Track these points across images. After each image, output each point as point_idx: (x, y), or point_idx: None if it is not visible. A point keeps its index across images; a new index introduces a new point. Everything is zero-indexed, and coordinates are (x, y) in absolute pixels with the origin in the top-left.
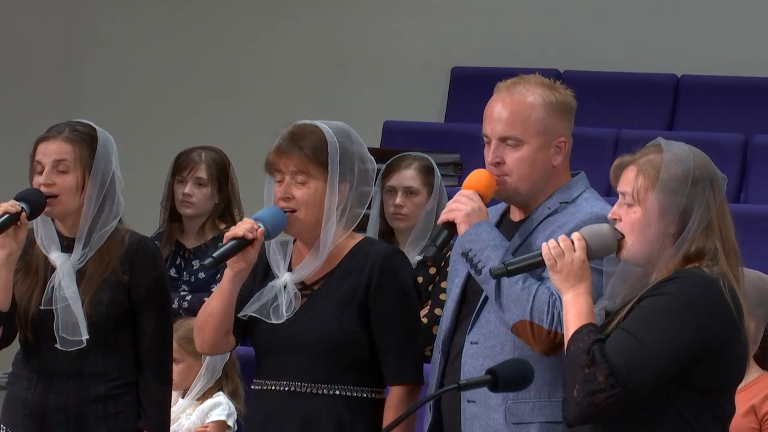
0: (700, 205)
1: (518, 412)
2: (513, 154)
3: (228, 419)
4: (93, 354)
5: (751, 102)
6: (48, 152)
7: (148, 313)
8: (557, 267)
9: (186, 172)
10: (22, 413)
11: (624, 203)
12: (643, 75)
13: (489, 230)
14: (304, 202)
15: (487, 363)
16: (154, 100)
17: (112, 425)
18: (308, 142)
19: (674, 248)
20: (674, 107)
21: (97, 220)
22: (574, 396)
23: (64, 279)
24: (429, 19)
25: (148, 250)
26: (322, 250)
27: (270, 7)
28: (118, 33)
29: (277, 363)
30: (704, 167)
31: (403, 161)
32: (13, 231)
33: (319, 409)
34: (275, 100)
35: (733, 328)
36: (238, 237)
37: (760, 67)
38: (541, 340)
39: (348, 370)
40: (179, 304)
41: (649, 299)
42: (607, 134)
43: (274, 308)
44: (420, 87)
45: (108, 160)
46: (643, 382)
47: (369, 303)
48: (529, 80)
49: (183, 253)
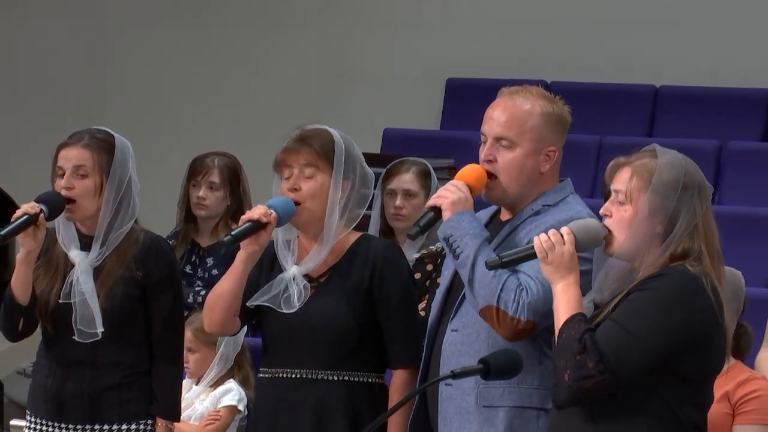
0: (687, 210)
1: (488, 396)
2: (505, 154)
3: (239, 404)
4: (108, 345)
5: (725, 111)
6: (69, 158)
7: (160, 307)
8: (548, 259)
9: (200, 177)
10: (43, 399)
11: (616, 201)
12: (625, 85)
13: (470, 219)
14: (311, 193)
15: (464, 349)
16: (169, 108)
17: (125, 411)
18: (317, 140)
19: (662, 248)
20: (653, 116)
21: (114, 221)
22: (565, 380)
23: (82, 275)
24: (426, 33)
25: (161, 249)
26: (326, 242)
27: (277, 22)
28: (136, 46)
29: (287, 351)
30: (694, 175)
31: (402, 166)
32: (33, 231)
33: (328, 394)
34: (282, 108)
35: (714, 322)
36: (253, 220)
37: (734, 78)
38: (505, 325)
39: (354, 357)
40: (194, 298)
41: (637, 293)
42: (590, 141)
43: (285, 299)
44: (417, 97)
45: (125, 165)
46: (630, 369)
47: (374, 293)
48: (531, 90)
49: (198, 251)
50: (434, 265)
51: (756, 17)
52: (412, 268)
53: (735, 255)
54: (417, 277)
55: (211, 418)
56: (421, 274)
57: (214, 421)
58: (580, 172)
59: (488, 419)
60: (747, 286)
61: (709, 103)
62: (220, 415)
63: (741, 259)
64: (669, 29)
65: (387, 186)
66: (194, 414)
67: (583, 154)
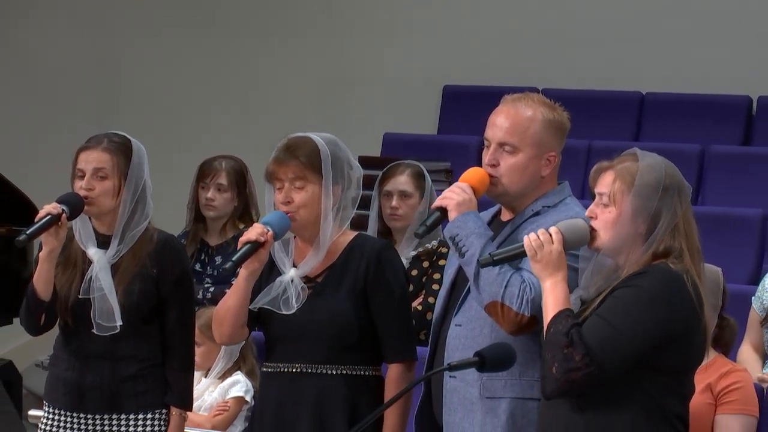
0: (668, 210)
1: (491, 388)
2: (508, 159)
3: (246, 395)
4: (125, 338)
5: (707, 116)
6: (89, 160)
7: (173, 302)
8: (537, 257)
9: (209, 179)
10: (63, 391)
11: (600, 203)
12: (612, 92)
13: (475, 219)
14: (303, 204)
15: (467, 343)
16: (178, 114)
17: (141, 401)
18: (303, 152)
19: (644, 246)
20: (640, 121)
21: (131, 220)
22: (553, 372)
23: (100, 272)
24: (423, 42)
25: (174, 248)
26: (322, 246)
27: (281, 32)
28: (146, 56)
29: (288, 348)
30: (674, 177)
31: (397, 168)
32: (55, 230)
33: (328, 386)
34: (286, 114)
35: (694, 318)
36: (251, 241)
37: (715, 85)
38: (509, 320)
39: (351, 352)
40: (203, 294)
41: (621, 290)
42: (580, 145)
43: (284, 300)
44: (415, 103)
45: (141, 168)
46: (614, 362)
47: (368, 291)
48: (532, 97)
49: (207, 249)
50: (430, 261)
51: (736, 29)
52: (410, 265)
53: (717, 253)
54: (414, 273)
55: (219, 408)
56: (417, 270)
57: (222, 411)
58: (571, 174)
59: (491, 410)
60: (728, 283)
61: (692, 109)
62: (228, 406)
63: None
64: (654, 40)
65: (383, 188)
66: (204, 405)
67: (573, 157)
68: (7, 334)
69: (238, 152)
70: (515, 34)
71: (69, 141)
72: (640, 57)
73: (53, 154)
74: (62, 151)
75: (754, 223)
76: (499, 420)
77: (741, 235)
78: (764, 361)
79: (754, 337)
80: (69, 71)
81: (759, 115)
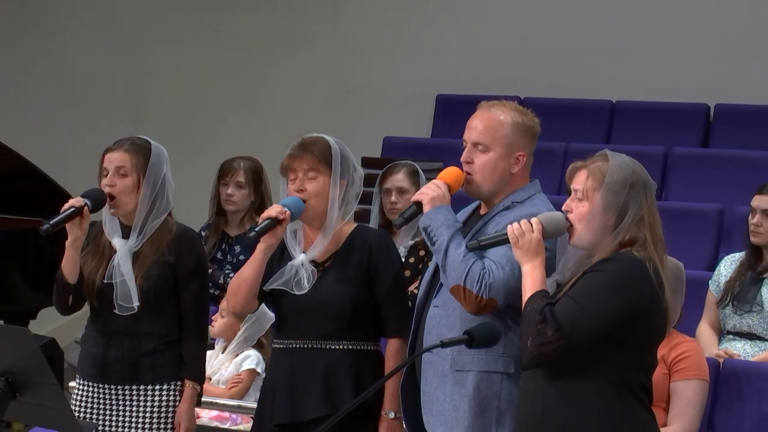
0: (635, 204)
1: (460, 362)
2: (481, 157)
3: (257, 367)
4: (144, 318)
5: (671, 122)
6: (112, 160)
7: (188, 286)
8: (519, 244)
9: (228, 177)
10: (90, 364)
11: (575, 198)
12: (586, 101)
13: (446, 213)
14: (315, 192)
15: (442, 322)
16: (200, 119)
17: (158, 374)
18: (317, 147)
19: (612, 236)
20: (611, 126)
21: (150, 213)
22: (528, 346)
23: (122, 259)
24: (419, 56)
25: (190, 238)
26: (329, 232)
27: (291, 44)
28: (171, 68)
29: (298, 325)
30: (640, 174)
31: (395, 168)
32: (78, 221)
33: (335, 359)
34: (295, 120)
35: (655, 299)
36: (271, 217)
37: (677, 94)
38: (470, 302)
39: (354, 329)
40: (224, 279)
41: (590, 274)
42: (557, 147)
43: (297, 282)
44: (412, 110)
45: (159, 167)
46: (582, 337)
47: (370, 275)
48: (505, 104)
49: (227, 240)
50: (426, 251)
51: (696, 45)
52: (408, 253)
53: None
54: (411, 261)
55: (234, 381)
56: (414, 258)
57: (237, 384)
58: (549, 174)
59: (460, 381)
60: (688, 269)
61: (657, 115)
62: (241, 378)
63: (684, 246)
64: (624, 54)
65: (383, 186)
66: (221, 379)
67: (551, 158)
68: (53, 314)
69: (254, 153)
70: (500, 49)
71: (104, 142)
72: (611, 69)
73: (90, 153)
74: (98, 150)
75: (712, 217)
76: (467, 390)
77: (700, 227)
78: (720, 337)
79: (711, 317)
80: (104, 81)
81: (716, 120)
